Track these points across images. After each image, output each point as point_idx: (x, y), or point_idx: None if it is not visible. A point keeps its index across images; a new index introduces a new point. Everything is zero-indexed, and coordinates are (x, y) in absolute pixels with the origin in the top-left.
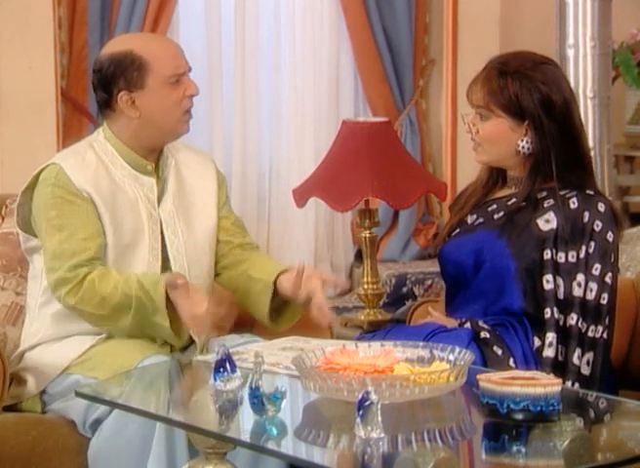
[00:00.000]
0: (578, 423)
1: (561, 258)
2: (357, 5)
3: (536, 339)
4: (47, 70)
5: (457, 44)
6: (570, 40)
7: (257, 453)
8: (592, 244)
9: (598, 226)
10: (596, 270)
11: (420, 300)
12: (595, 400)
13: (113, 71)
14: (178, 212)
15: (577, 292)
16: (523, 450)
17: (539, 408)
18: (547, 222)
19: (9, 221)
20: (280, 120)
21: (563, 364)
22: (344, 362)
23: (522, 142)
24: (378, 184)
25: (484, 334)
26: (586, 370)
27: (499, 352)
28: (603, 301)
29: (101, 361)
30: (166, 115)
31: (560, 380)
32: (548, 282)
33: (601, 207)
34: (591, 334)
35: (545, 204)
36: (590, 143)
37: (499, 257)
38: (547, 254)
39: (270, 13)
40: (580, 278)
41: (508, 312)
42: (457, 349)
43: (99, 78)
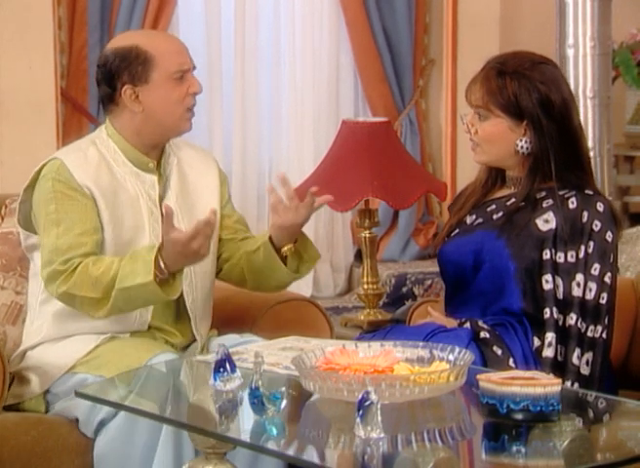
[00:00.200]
0: (577, 423)
1: (560, 258)
2: (357, 5)
3: (535, 339)
4: (47, 70)
5: (456, 44)
6: (570, 40)
7: (255, 453)
8: (591, 244)
9: (597, 226)
10: (595, 270)
11: (420, 300)
12: (595, 400)
13: (118, 65)
14: (181, 210)
15: (576, 292)
16: (523, 450)
17: (538, 408)
18: (546, 222)
19: (9, 221)
20: (280, 120)
21: (562, 364)
22: (344, 362)
23: (521, 142)
24: (377, 184)
25: (484, 334)
26: (586, 370)
27: (498, 352)
28: (602, 301)
29: (108, 360)
30: (168, 111)
31: (560, 380)
32: (547, 282)
33: (600, 207)
34: (591, 334)
35: (544, 204)
36: (590, 143)
37: (498, 258)
38: (547, 254)
39: (270, 13)
40: (580, 278)
41: (508, 312)
42: (456, 349)
43: (103, 72)
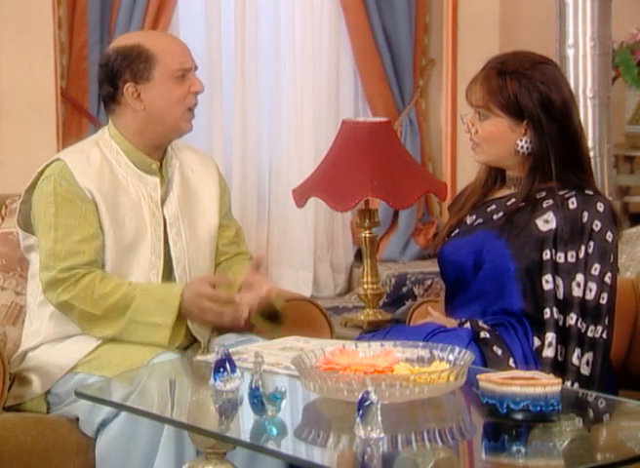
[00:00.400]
0: (577, 423)
1: (560, 258)
2: (357, 5)
3: (535, 339)
4: (47, 70)
5: (456, 44)
6: (570, 40)
7: (253, 453)
8: (591, 244)
9: (597, 226)
10: (595, 270)
11: (420, 300)
12: (595, 400)
13: (120, 63)
14: (182, 213)
15: (576, 293)
16: (523, 450)
17: (538, 408)
18: (547, 223)
19: (9, 221)
20: (280, 120)
21: (563, 364)
22: (344, 362)
23: (521, 142)
24: (377, 184)
25: (484, 334)
26: (586, 371)
27: (498, 352)
28: (602, 301)
29: (109, 360)
30: (170, 110)
31: (560, 380)
32: (548, 282)
33: (600, 207)
34: (591, 334)
35: (544, 204)
36: (590, 143)
37: (498, 258)
38: (547, 255)
39: (270, 13)
40: (580, 278)
41: (508, 312)
42: (456, 349)
43: (105, 72)
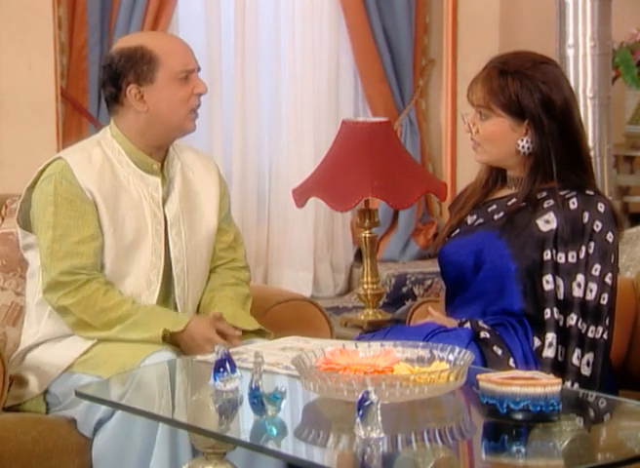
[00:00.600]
0: (578, 423)
1: (561, 259)
2: (357, 5)
3: (535, 339)
4: (47, 70)
5: (456, 44)
6: (570, 40)
7: (253, 453)
8: (592, 244)
9: (598, 227)
10: (596, 270)
11: (420, 300)
12: (595, 400)
13: (123, 65)
14: (183, 213)
15: (576, 293)
16: (523, 450)
17: (538, 408)
18: (547, 223)
19: (9, 221)
20: (280, 120)
21: (563, 364)
22: (344, 362)
23: (522, 142)
24: (377, 184)
25: (484, 334)
26: (586, 371)
27: (499, 352)
28: (603, 302)
29: (104, 359)
30: (173, 111)
31: (560, 380)
32: (548, 282)
33: (601, 207)
34: (591, 335)
35: (545, 204)
36: (590, 143)
37: (499, 258)
38: (547, 255)
39: (270, 13)
40: (580, 278)
41: (508, 312)
42: (456, 349)
43: (108, 73)
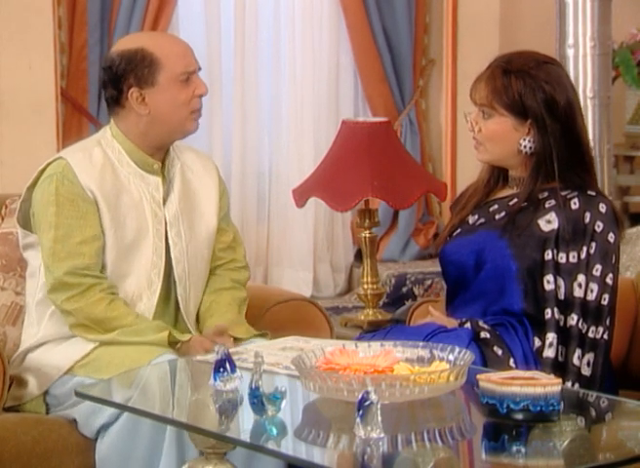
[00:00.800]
0: (578, 423)
1: (562, 259)
2: (357, 5)
3: (536, 340)
4: (47, 70)
5: (456, 44)
6: (570, 40)
7: (252, 453)
8: (593, 244)
9: (599, 227)
10: (597, 271)
11: (420, 300)
12: (595, 400)
13: (124, 68)
14: (182, 213)
15: (577, 293)
16: (523, 450)
17: (538, 408)
18: (549, 223)
19: (9, 221)
20: (280, 120)
21: (563, 364)
22: (344, 362)
23: (524, 141)
24: (378, 184)
25: (484, 335)
26: (587, 371)
27: (499, 352)
28: (604, 302)
29: (108, 362)
30: (175, 113)
31: (560, 380)
32: (549, 282)
33: (602, 207)
34: (592, 335)
35: (547, 204)
36: (590, 143)
37: (500, 258)
38: (548, 255)
39: (270, 13)
40: (581, 279)
41: (508, 312)
42: (456, 349)
43: (109, 75)
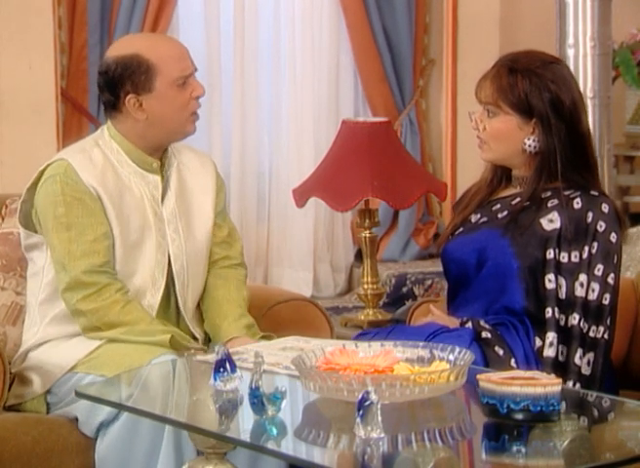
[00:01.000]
0: (578, 423)
1: (564, 258)
2: (357, 5)
3: (537, 339)
4: (47, 70)
5: (457, 44)
6: (570, 40)
7: (255, 453)
8: (595, 244)
9: (602, 227)
10: (599, 271)
11: (420, 300)
12: (595, 400)
13: (120, 74)
14: (179, 210)
15: (579, 293)
16: (523, 450)
17: (539, 408)
18: (551, 222)
19: (9, 221)
20: (280, 120)
21: (564, 364)
22: (344, 362)
23: (529, 141)
24: (378, 184)
25: (485, 334)
26: (587, 371)
27: (500, 352)
28: (605, 302)
29: (110, 359)
30: (173, 117)
31: (560, 380)
32: (550, 281)
33: (605, 207)
34: (592, 335)
35: (549, 203)
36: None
37: (501, 256)
38: (550, 254)
39: (270, 13)
40: (583, 278)
41: (509, 311)
42: (457, 349)
43: (105, 80)
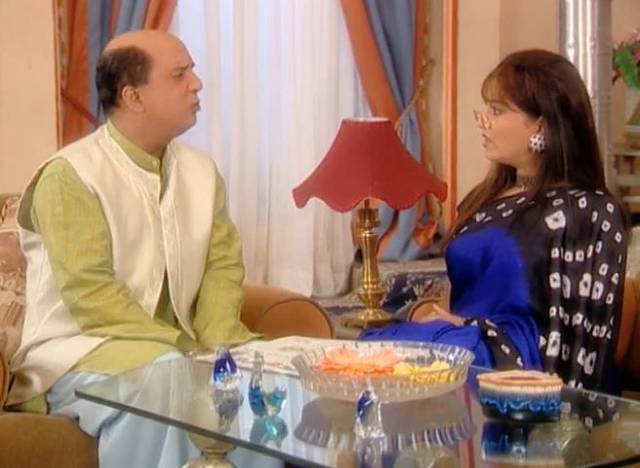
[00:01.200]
0: (578, 423)
1: (569, 257)
2: (357, 5)
3: (541, 338)
4: (47, 70)
5: (457, 44)
6: (570, 40)
7: (250, 452)
8: (600, 244)
9: (606, 226)
10: (603, 270)
11: (420, 300)
12: (596, 400)
13: (117, 67)
14: (177, 210)
15: (583, 292)
16: (523, 450)
17: (539, 408)
18: (556, 221)
19: (9, 221)
20: (280, 120)
21: (567, 363)
22: (344, 362)
23: (534, 139)
24: (378, 184)
25: (492, 333)
26: (589, 370)
27: (506, 351)
28: (609, 302)
29: (113, 357)
30: (170, 109)
31: (560, 380)
32: (555, 280)
33: (610, 207)
34: (595, 334)
35: (555, 203)
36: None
37: (506, 255)
38: (555, 253)
39: (270, 13)
40: (587, 278)
41: (514, 309)
42: (457, 349)
43: (102, 75)
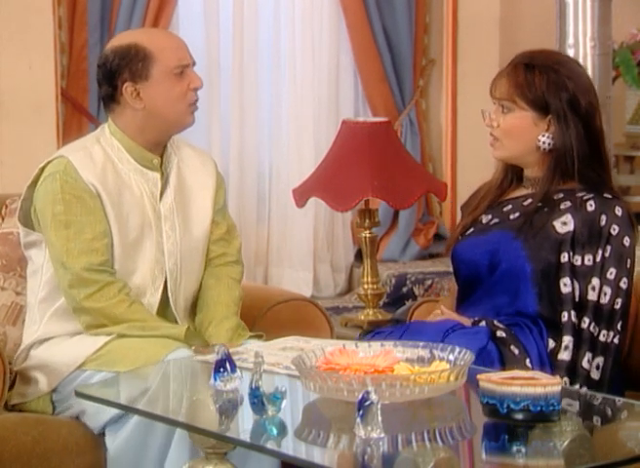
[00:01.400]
0: (578, 423)
1: (577, 261)
2: (357, 5)
3: (550, 341)
4: (47, 70)
5: (457, 44)
6: (570, 40)
7: (247, 452)
8: (608, 248)
9: (615, 230)
10: (611, 274)
11: (420, 300)
12: (596, 400)
13: (118, 63)
14: (177, 207)
15: (591, 296)
16: (523, 450)
17: (539, 408)
18: (564, 225)
19: (9, 221)
20: (280, 120)
21: (572, 367)
22: (344, 362)
23: (543, 137)
24: (378, 184)
25: (500, 334)
26: (596, 375)
27: (515, 351)
28: (617, 306)
29: (123, 355)
30: (170, 107)
31: (560, 380)
32: (566, 285)
33: (618, 211)
34: (603, 339)
35: (562, 206)
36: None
37: (514, 259)
38: (564, 257)
39: (270, 13)
40: (595, 282)
41: (522, 314)
42: (457, 349)
43: (103, 72)
